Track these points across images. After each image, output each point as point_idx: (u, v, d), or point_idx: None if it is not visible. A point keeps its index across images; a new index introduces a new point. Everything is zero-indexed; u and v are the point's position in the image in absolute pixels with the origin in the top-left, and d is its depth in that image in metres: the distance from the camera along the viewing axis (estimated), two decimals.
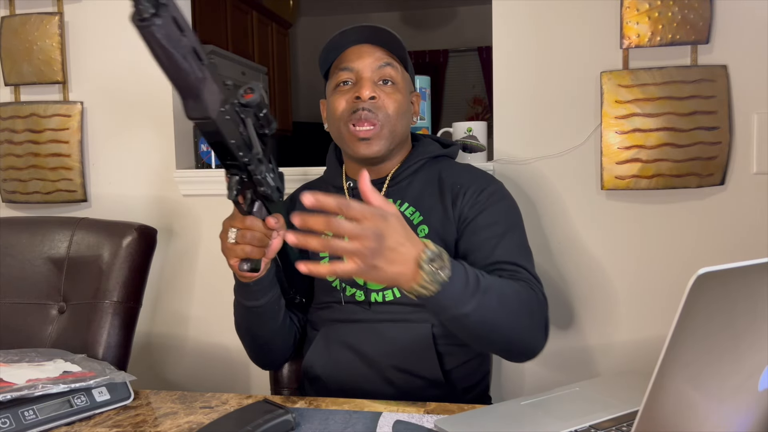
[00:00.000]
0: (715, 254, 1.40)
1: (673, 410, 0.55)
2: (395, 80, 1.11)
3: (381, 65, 1.10)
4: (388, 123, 1.09)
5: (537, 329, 0.98)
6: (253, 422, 0.80)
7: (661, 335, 1.38)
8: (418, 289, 0.79)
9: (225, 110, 0.72)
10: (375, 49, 1.11)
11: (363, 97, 1.08)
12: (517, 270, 1.02)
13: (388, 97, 1.10)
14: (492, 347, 1.01)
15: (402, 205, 1.12)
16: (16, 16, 1.68)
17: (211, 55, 3.07)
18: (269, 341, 1.12)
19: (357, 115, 1.08)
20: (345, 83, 1.11)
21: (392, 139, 1.11)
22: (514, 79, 1.48)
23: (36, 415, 0.86)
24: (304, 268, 0.74)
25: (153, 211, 1.66)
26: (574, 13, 1.43)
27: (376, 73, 1.10)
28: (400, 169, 1.15)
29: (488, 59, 4.59)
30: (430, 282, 0.78)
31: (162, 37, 0.60)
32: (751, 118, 1.37)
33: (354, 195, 1.15)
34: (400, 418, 0.87)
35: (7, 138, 1.70)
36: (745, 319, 0.55)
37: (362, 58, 1.10)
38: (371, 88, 1.08)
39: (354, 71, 1.10)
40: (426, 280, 0.78)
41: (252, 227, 0.88)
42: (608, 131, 1.40)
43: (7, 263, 1.30)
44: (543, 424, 0.82)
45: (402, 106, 1.11)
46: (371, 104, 1.08)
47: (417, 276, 0.77)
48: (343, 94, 1.11)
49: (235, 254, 0.90)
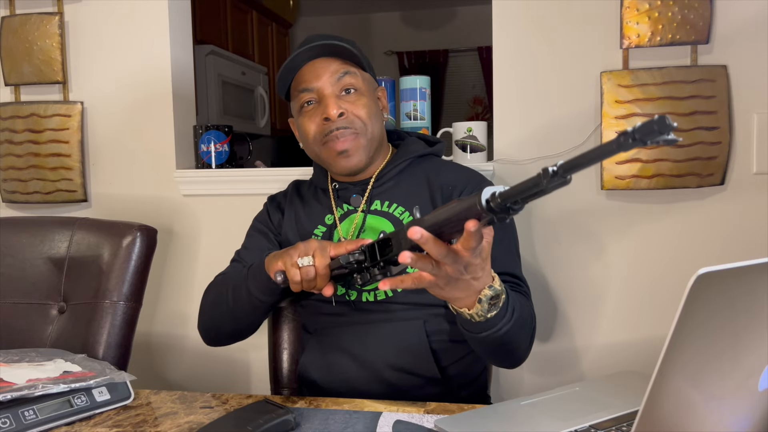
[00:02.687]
0: (715, 254, 1.41)
1: (673, 410, 0.55)
2: (357, 86, 1.10)
3: (339, 76, 1.09)
4: (364, 131, 1.09)
5: (531, 342, 1.03)
6: (253, 422, 0.80)
7: (661, 335, 1.38)
8: (465, 314, 0.84)
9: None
10: (329, 61, 1.09)
11: (331, 116, 1.07)
12: (516, 283, 1.06)
13: (355, 106, 1.09)
14: (495, 359, 1.04)
15: (391, 206, 1.12)
16: (16, 16, 1.68)
17: (211, 55, 3.07)
18: (243, 328, 1.12)
19: (331, 136, 1.08)
20: (309, 103, 1.10)
21: (370, 146, 1.11)
22: (514, 79, 1.48)
23: (36, 415, 0.86)
24: (388, 284, 0.78)
25: (153, 211, 1.66)
26: (574, 13, 1.43)
27: (336, 87, 1.09)
28: (385, 170, 1.15)
29: (488, 59, 4.59)
30: (480, 315, 0.84)
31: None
32: (751, 118, 1.37)
33: (339, 196, 1.15)
34: (400, 418, 0.87)
35: (7, 138, 1.70)
36: (745, 319, 0.55)
37: (319, 76, 1.08)
38: (336, 104, 1.07)
39: (314, 90, 1.09)
40: (478, 311, 0.83)
41: (325, 274, 0.92)
42: (608, 131, 1.40)
43: (7, 263, 1.30)
44: (543, 424, 0.82)
45: (371, 109, 1.11)
46: (342, 121, 1.07)
47: (473, 306, 0.83)
48: (310, 116, 1.10)
49: (291, 273, 0.92)
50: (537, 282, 1.49)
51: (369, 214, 1.12)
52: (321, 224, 1.15)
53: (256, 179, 1.59)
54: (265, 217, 1.22)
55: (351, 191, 1.15)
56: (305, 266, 0.91)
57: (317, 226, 1.15)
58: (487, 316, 0.84)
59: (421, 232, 0.70)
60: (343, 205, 1.15)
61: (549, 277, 1.48)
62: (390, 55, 5.05)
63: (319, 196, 1.19)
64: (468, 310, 0.83)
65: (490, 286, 0.82)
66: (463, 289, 0.80)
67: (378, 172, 1.15)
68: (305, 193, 1.22)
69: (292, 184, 1.27)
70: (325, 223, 1.15)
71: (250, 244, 1.19)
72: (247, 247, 1.19)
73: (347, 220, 1.13)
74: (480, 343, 0.91)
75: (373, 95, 1.14)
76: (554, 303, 1.49)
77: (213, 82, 3.09)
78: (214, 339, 1.15)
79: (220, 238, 1.64)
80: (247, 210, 1.26)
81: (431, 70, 4.74)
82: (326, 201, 1.17)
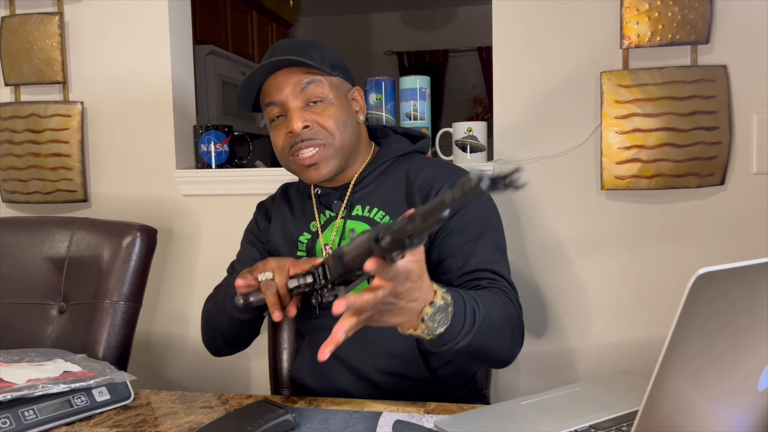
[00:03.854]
0: (715, 254, 1.40)
1: (673, 410, 0.55)
2: (322, 96, 1.06)
3: (302, 87, 1.05)
4: (331, 142, 1.06)
5: (516, 343, 0.98)
6: (253, 422, 0.80)
7: (661, 335, 1.38)
8: (414, 334, 0.79)
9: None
10: (291, 72, 1.06)
11: (295, 130, 1.04)
12: (495, 279, 1.00)
13: (321, 117, 1.05)
14: (477, 365, 1.02)
15: (372, 210, 1.09)
16: (16, 16, 1.68)
17: (211, 55, 3.07)
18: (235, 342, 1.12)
19: (296, 148, 1.06)
20: (278, 117, 1.08)
21: (341, 155, 1.08)
22: (514, 79, 1.48)
23: (36, 415, 0.86)
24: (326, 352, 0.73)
25: (153, 211, 1.66)
26: (574, 13, 1.43)
27: (300, 98, 1.05)
28: (365, 173, 1.12)
29: (488, 59, 4.59)
30: (427, 333, 0.79)
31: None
32: (751, 118, 1.37)
33: (321, 202, 1.13)
34: (400, 418, 0.87)
35: (7, 138, 1.70)
36: (745, 319, 0.55)
37: (281, 89, 1.05)
38: (300, 117, 1.04)
39: (278, 104, 1.06)
40: (424, 331, 0.79)
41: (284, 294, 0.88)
42: (608, 131, 1.40)
43: (7, 263, 1.30)
44: (543, 424, 0.82)
45: (339, 117, 1.07)
46: (306, 133, 1.05)
47: (417, 326, 0.78)
48: (278, 129, 1.08)
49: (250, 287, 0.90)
50: (536, 282, 1.49)
51: (350, 220, 1.09)
52: (306, 231, 1.13)
53: (256, 179, 1.59)
54: (254, 226, 1.21)
55: (332, 197, 1.12)
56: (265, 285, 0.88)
57: (302, 233, 1.13)
58: (436, 333, 0.79)
59: (345, 305, 0.67)
60: (325, 211, 1.13)
61: (549, 277, 1.48)
62: (390, 55, 5.05)
63: (304, 202, 1.17)
64: (414, 331, 0.79)
65: (432, 303, 0.77)
66: (401, 314, 0.76)
67: (357, 176, 1.11)
68: (293, 198, 1.20)
69: (280, 188, 1.25)
70: (310, 230, 1.13)
71: (243, 255, 1.19)
72: (240, 260, 1.18)
73: (329, 228, 1.11)
74: (448, 355, 0.87)
75: (344, 100, 1.10)
76: (554, 303, 1.49)
77: (213, 82, 3.10)
78: (216, 352, 1.16)
79: (220, 238, 1.64)
80: (247, 210, 1.26)
81: (431, 70, 4.73)
82: (310, 208, 1.15)
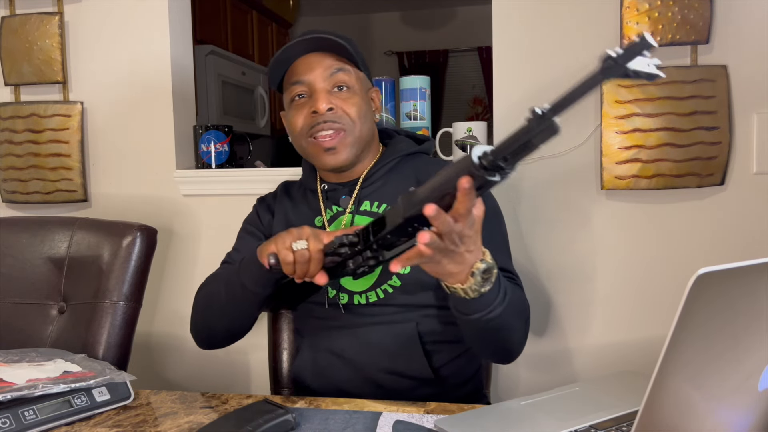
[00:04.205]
0: (715, 254, 1.40)
1: (673, 410, 0.55)
2: (349, 84, 1.09)
3: (332, 72, 1.07)
4: (351, 129, 1.08)
5: (525, 336, 1.03)
6: (253, 422, 0.80)
7: (661, 335, 1.38)
8: (458, 290, 0.83)
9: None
10: (324, 56, 1.08)
11: (320, 110, 1.06)
12: (511, 278, 1.05)
13: (346, 103, 1.07)
14: (490, 350, 1.02)
15: (380, 206, 1.10)
16: (16, 16, 1.68)
17: (211, 55, 3.07)
18: (236, 326, 1.10)
19: (317, 128, 1.06)
20: (300, 96, 1.09)
21: (358, 145, 1.09)
22: (514, 79, 1.48)
23: (36, 415, 0.86)
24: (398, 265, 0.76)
25: (153, 211, 1.66)
26: (573, 14, 1.43)
27: (328, 82, 1.07)
28: (373, 170, 1.13)
29: (488, 59, 4.59)
30: (473, 290, 0.82)
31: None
32: (751, 118, 1.37)
33: (328, 197, 1.14)
34: (400, 418, 0.87)
35: (7, 138, 1.70)
36: (745, 319, 0.55)
37: (312, 69, 1.07)
38: (326, 99, 1.06)
39: (306, 83, 1.08)
40: (472, 286, 0.82)
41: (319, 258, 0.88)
42: (608, 131, 1.40)
43: (7, 263, 1.30)
44: (543, 424, 0.82)
45: (361, 108, 1.09)
46: (330, 115, 1.06)
47: (466, 280, 0.82)
48: (299, 109, 1.09)
49: (283, 254, 0.89)
50: (536, 281, 1.49)
51: (357, 215, 1.10)
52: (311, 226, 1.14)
53: (256, 179, 1.59)
54: (255, 218, 1.21)
55: (340, 192, 1.13)
56: (300, 249, 0.89)
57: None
58: (481, 291, 0.83)
59: (434, 208, 0.69)
60: (332, 206, 1.13)
61: (548, 277, 1.48)
62: (390, 55, 5.05)
63: (308, 197, 1.18)
64: (461, 284, 0.82)
65: (482, 260, 0.81)
66: (458, 262, 0.79)
67: (366, 172, 1.13)
68: (295, 195, 1.20)
69: (281, 185, 1.25)
70: (314, 225, 1.13)
71: (241, 246, 1.18)
72: (237, 250, 1.18)
73: (336, 222, 1.12)
74: (473, 327, 0.89)
75: (366, 95, 1.13)
76: (553, 303, 1.49)
77: (213, 82, 3.09)
78: (207, 340, 1.13)
79: (220, 238, 1.63)
80: (247, 210, 1.26)
81: (431, 70, 4.73)
82: (315, 203, 1.16)
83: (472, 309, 0.85)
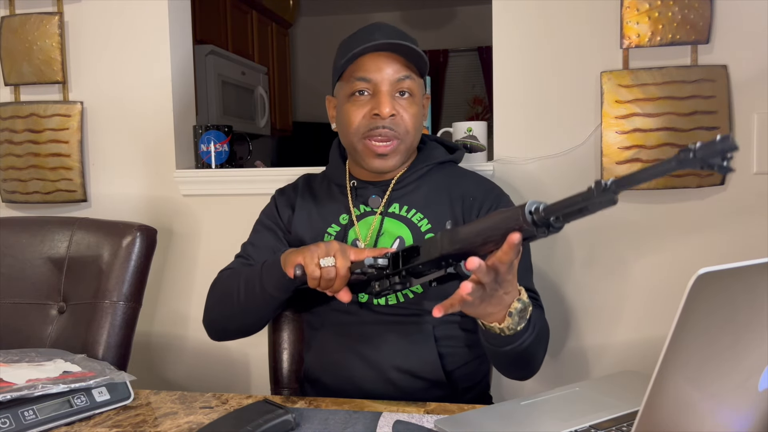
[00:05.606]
0: (715, 254, 1.40)
1: (673, 410, 0.55)
2: (413, 92, 1.08)
3: (400, 78, 1.06)
4: (405, 138, 1.07)
5: (544, 354, 1.04)
6: (253, 422, 0.80)
7: (661, 335, 1.38)
8: (495, 329, 0.86)
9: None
10: (395, 58, 1.06)
11: (383, 114, 1.04)
12: (535, 298, 1.06)
13: (407, 111, 1.06)
14: (515, 373, 1.04)
15: (409, 211, 1.10)
16: (16, 16, 1.68)
17: (211, 55, 3.06)
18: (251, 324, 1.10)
19: (376, 132, 1.05)
20: (361, 93, 1.07)
21: (407, 153, 1.10)
22: (514, 79, 1.48)
23: (36, 415, 0.86)
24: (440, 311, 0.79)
25: (153, 211, 1.66)
26: (574, 13, 1.43)
27: (394, 86, 1.06)
28: (406, 174, 1.13)
29: (488, 59, 4.59)
30: (510, 329, 0.85)
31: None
32: (751, 118, 1.37)
33: (357, 195, 1.13)
34: (400, 418, 0.87)
35: (7, 138, 1.70)
36: (745, 319, 0.55)
37: (381, 70, 1.05)
38: (390, 104, 1.05)
39: (372, 82, 1.05)
40: (510, 325, 0.85)
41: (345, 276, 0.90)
42: (608, 131, 1.40)
43: (7, 263, 1.30)
44: (543, 424, 0.82)
45: (418, 118, 1.09)
46: (390, 122, 1.05)
47: (503, 320, 0.85)
48: (359, 106, 1.07)
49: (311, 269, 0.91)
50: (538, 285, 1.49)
51: (386, 217, 1.10)
52: (335, 223, 1.12)
53: (256, 179, 1.59)
54: (274, 212, 1.19)
55: (370, 191, 1.12)
56: (327, 266, 0.90)
57: (331, 224, 1.12)
58: (517, 329, 0.85)
59: (479, 262, 0.71)
60: (360, 205, 1.12)
61: (548, 277, 1.48)
62: None
63: (333, 192, 1.16)
64: (499, 324, 0.85)
65: (519, 299, 0.83)
66: (496, 304, 0.81)
67: (399, 175, 1.12)
68: (318, 189, 1.18)
69: (302, 178, 1.24)
70: (339, 222, 1.12)
71: (258, 241, 1.16)
72: (254, 244, 1.16)
73: (364, 222, 1.10)
74: (502, 356, 0.92)
75: (421, 102, 1.12)
76: (554, 303, 1.49)
77: (213, 82, 3.09)
78: (220, 333, 1.13)
79: (220, 238, 1.63)
80: (247, 210, 1.26)
81: (431, 70, 4.72)
82: (342, 199, 1.14)
83: (505, 343, 0.88)
